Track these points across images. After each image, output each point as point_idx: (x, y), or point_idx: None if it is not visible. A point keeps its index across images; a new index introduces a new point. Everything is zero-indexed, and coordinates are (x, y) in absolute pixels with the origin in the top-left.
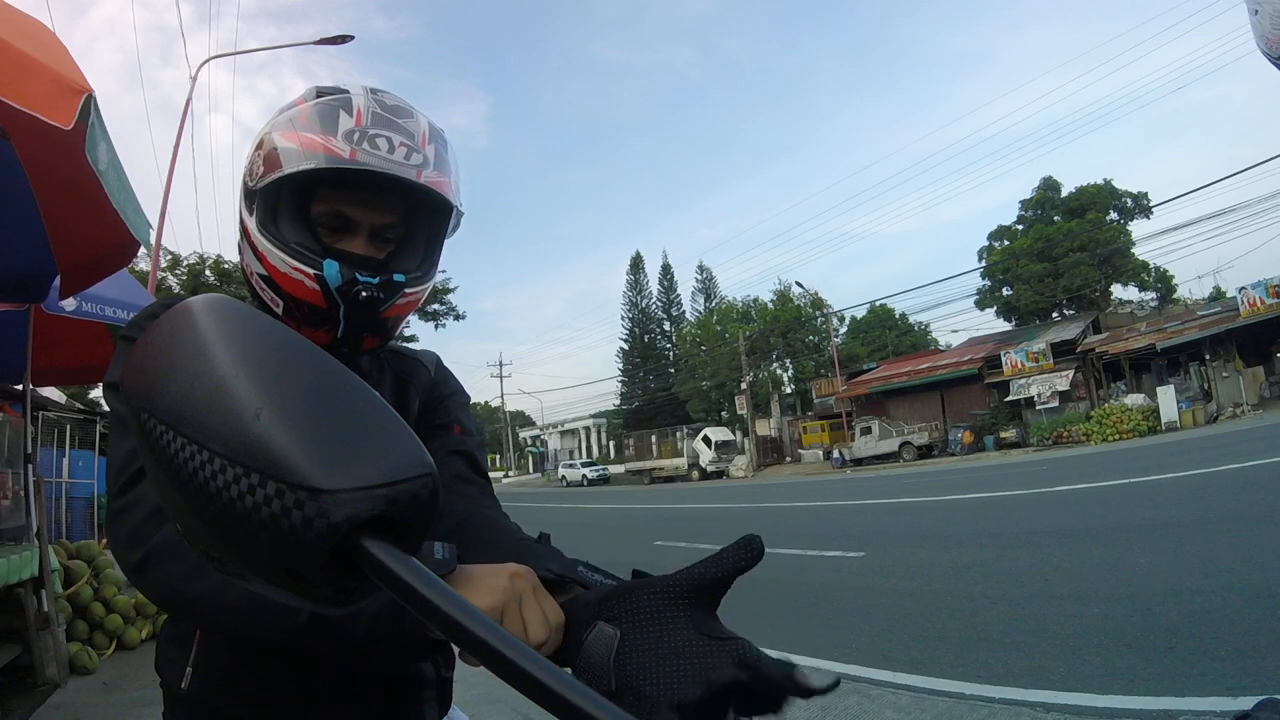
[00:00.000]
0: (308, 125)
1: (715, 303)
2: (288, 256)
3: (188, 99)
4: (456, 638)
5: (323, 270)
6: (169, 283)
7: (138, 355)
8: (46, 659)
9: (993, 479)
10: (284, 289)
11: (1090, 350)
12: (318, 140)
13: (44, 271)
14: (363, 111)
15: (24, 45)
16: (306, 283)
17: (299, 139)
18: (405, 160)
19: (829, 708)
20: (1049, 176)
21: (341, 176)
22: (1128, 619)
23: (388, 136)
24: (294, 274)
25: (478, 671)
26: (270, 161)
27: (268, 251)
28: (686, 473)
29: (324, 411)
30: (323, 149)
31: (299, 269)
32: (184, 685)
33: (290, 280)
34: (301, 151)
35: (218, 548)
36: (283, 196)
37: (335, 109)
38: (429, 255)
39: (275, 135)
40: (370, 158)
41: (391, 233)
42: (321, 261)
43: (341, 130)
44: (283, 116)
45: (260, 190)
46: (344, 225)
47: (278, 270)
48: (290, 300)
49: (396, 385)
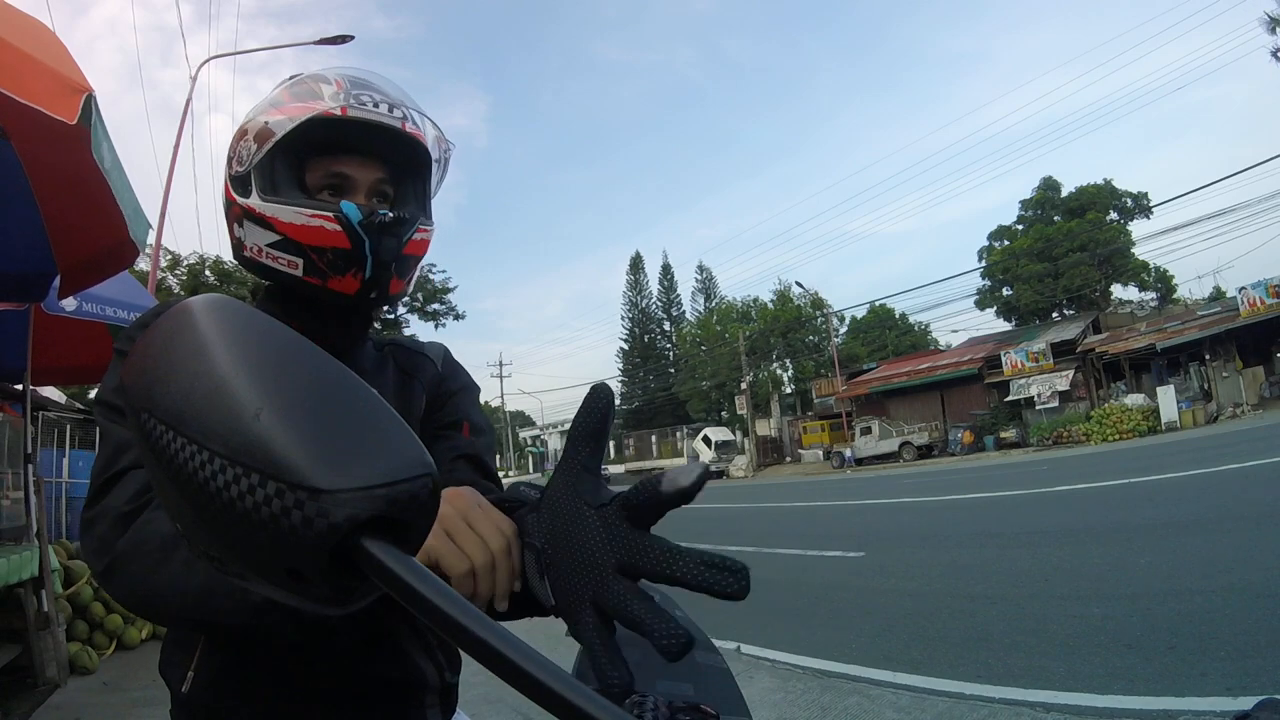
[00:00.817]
0: (292, 100)
1: (715, 303)
2: (303, 208)
3: (188, 99)
4: (456, 638)
5: (342, 210)
6: (169, 283)
7: (138, 355)
8: (46, 659)
9: (993, 479)
10: (304, 242)
11: (1090, 350)
12: (307, 105)
13: (44, 271)
14: (340, 80)
15: (24, 45)
16: (328, 226)
17: (287, 111)
18: (389, 114)
19: (829, 708)
20: (1049, 176)
21: (337, 130)
22: (1128, 619)
23: (370, 95)
24: (314, 221)
25: (478, 671)
26: (262, 136)
27: (279, 212)
28: None
29: (324, 411)
30: (313, 111)
31: (318, 214)
32: (185, 689)
33: (310, 230)
34: (291, 120)
35: (218, 548)
36: (278, 168)
37: (314, 83)
38: (422, 207)
39: (261, 117)
40: (360, 111)
41: (386, 188)
42: (338, 203)
43: (327, 95)
44: (262, 102)
45: (256, 166)
46: (343, 184)
47: (294, 225)
48: (313, 251)
49: (400, 381)
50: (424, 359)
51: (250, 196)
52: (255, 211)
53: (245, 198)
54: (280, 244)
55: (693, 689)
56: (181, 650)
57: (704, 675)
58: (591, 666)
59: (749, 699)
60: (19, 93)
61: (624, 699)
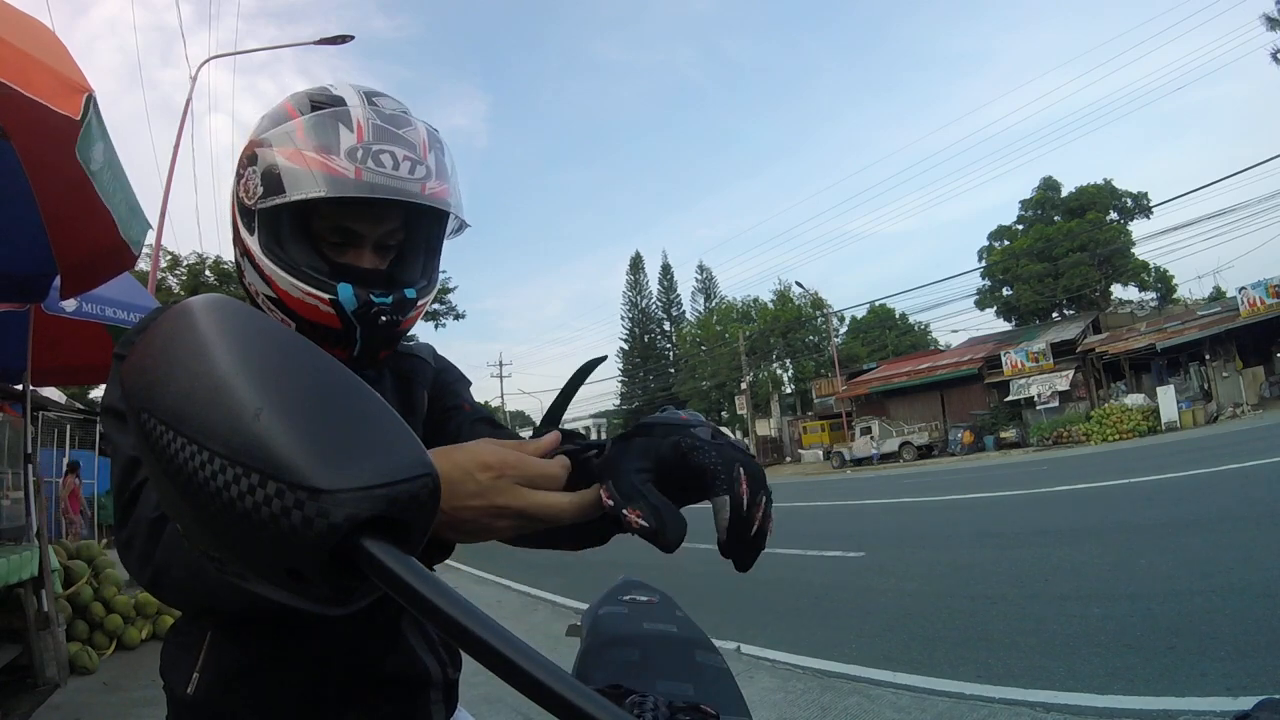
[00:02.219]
0: (306, 142)
1: (715, 303)
2: (299, 282)
3: (188, 99)
4: (457, 637)
5: (337, 295)
6: (169, 283)
7: (138, 355)
8: (46, 659)
9: (993, 479)
10: (297, 313)
11: (1090, 350)
12: (321, 160)
13: (44, 271)
14: (363, 125)
15: (25, 45)
16: (321, 307)
17: (301, 159)
18: (410, 175)
19: (829, 708)
20: (1049, 176)
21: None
22: (1128, 619)
23: (390, 151)
24: (308, 299)
25: (478, 671)
26: (270, 182)
27: (276, 276)
28: None
29: (324, 411)
30: (327, 170)
31: (312, 294)
32: (190, 691)
33: (304, 305)
34: (305, 173)
35: (218, 548)
36: (284, 219)
37: (334, 123)
38: (430, 261)
39: (273, 152)
40: (376, 176)
41: (393, 240)
42: (335, 286)
43: (344, 148)
44: (278, 130)
45: (260, 212)
46: (348, 239)
47: (289, 295)
48: (304, 323)
49: (399, 385)
50: (418, 360)
51: (253, 236)
52: (254, 259)
53: (249, 234)
54: (275, 301)
55: (693, 689)
56: (186, 652)
57: (704, 675)
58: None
59: (749, 699)
60: (24, 87)
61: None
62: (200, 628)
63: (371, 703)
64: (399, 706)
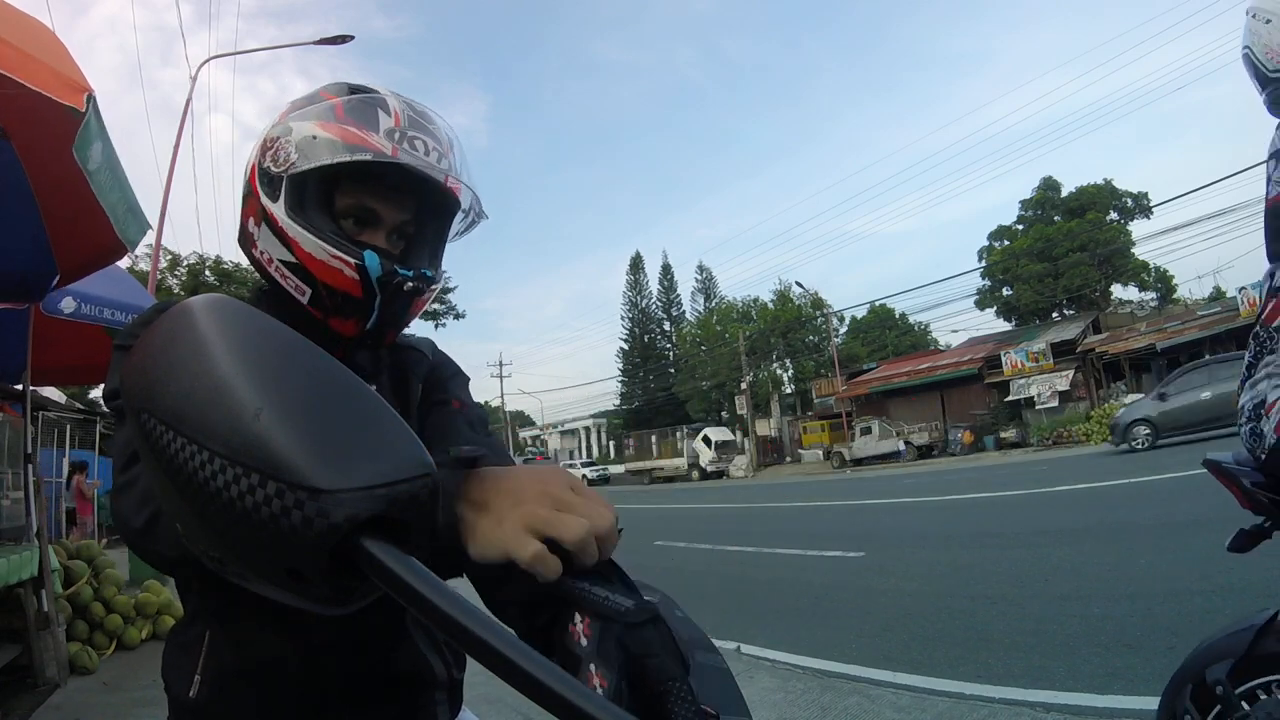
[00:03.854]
0: (347, 119)
1: (715, 303)
2: (326, 244)
3: (188, 99)
4: (457, 637)
5: (364, 260)
6: (169, 283)
7: (138, 355)
8: (46, 659)
9: (993, 479)
10: (318, 276)
11: (1090, 350)
12: (361, 135)
13: (44, 271)
14: (399, 113)
15: (25, 45)
16: (346, 271)
17: (340, 131)
18: (437, 164)
19: (829, 708)
20: (1049, 176)
21: (378, 171)
22: (1128, 619)
23: (423, 140)
24: (333, 262)
25: (478, 671)
26: (306, 149)
27: (300, 238)
28: (686, 473)
29: (324, 411)
30: (367, 144)
31: (339, 257)
32: (192, 694)
33: (327, 269)
34: (344, 144)
35: (218, 548)
36: (310, 186)
37: (374, 107)
38: (437, 255)
39: (310, 124)
40: (410, 158)
41: (409, 229)
42: (361, 252)
43: (383, 128)
44: (315, 107)
45: (290, 177)
46: (368, 221)
47: (313, 258)
48: (323, 288)
49: (396, 377)
50: (416, 353)
51: (277, 202)
52: (277, 223)
53: (272, 201)
54: (294, 267)
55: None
56: (186, 654)
57: (704, 675)
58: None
59: (749, 699)
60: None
61: None
62: (199, 628)
63: (376, 703)
64: (403, 706)
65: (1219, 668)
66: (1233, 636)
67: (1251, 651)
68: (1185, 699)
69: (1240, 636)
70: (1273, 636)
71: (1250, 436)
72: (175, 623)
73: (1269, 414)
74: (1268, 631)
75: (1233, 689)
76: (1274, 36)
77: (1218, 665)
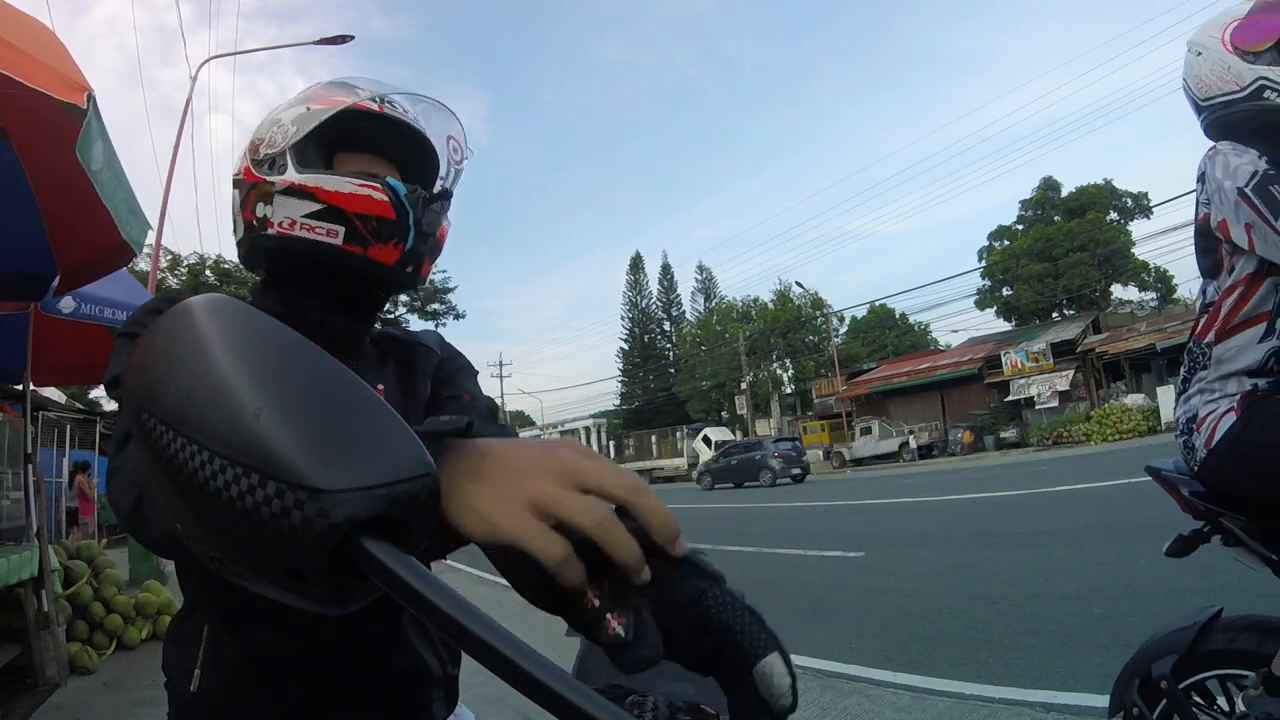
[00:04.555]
0: (327, 94)
1: (715, 303)
2: (351, 178)
3: (188, 99)
4: (456, 637)
5: (387, 183)
6: (169, 283)
7: (138, 355)
8: (46, 659)
9: (993, 479)
10: (350, 209)
11: (1090, 350)
12: (346, 97)
13: (44, 271)
14: (370, 87)
15: (25, 45)
16: (375, 195)
17: (328, 100)
18: (415, 121)
19: (829, 708)
20: (1049, 176)
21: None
22: (1128, 619)
23: (399, 101)
24: (361, 190)
25: (478, 670)
26: (300, 121)
27: (324, 182)
28: (686, 473)
29: (324, 411)
30: (355, 100)
31: (366, 185)
32: (192, 688)
33: (358, 198)
34: (334, 107)
35: (218, 547)
36: (310, 152)
37: (349, 84)
38: None
39: (298, 106)
40: (392, 112)
41: None
42: (384, 177)
43: (363, 95)
44: (295, 97)
45: (293, 146)
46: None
47: (341, 193)
48: (356, 219)
49: (402, 374)
50: (422, 349)
51: (285, 173)
52: (295, 184)
53: (279, 174)
54: (322, 213)
55: (693, 689)
56: (186, 648)
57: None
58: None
59: None
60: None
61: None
62: (197, 622)
63: (373, 700)
64: (400, 703)
65: (1164, 663)
66: (1177, 633)
67: (1194, 648)
68: (1133, 693)
69: (1184, 633)
70: (1215, 633)
71: (1185, 450)
72: (174, 616)
73: (1199, 429)
74: (1210, 629)
75: (1176, 684)
76: (1203, 68)
77: (1163, 661)
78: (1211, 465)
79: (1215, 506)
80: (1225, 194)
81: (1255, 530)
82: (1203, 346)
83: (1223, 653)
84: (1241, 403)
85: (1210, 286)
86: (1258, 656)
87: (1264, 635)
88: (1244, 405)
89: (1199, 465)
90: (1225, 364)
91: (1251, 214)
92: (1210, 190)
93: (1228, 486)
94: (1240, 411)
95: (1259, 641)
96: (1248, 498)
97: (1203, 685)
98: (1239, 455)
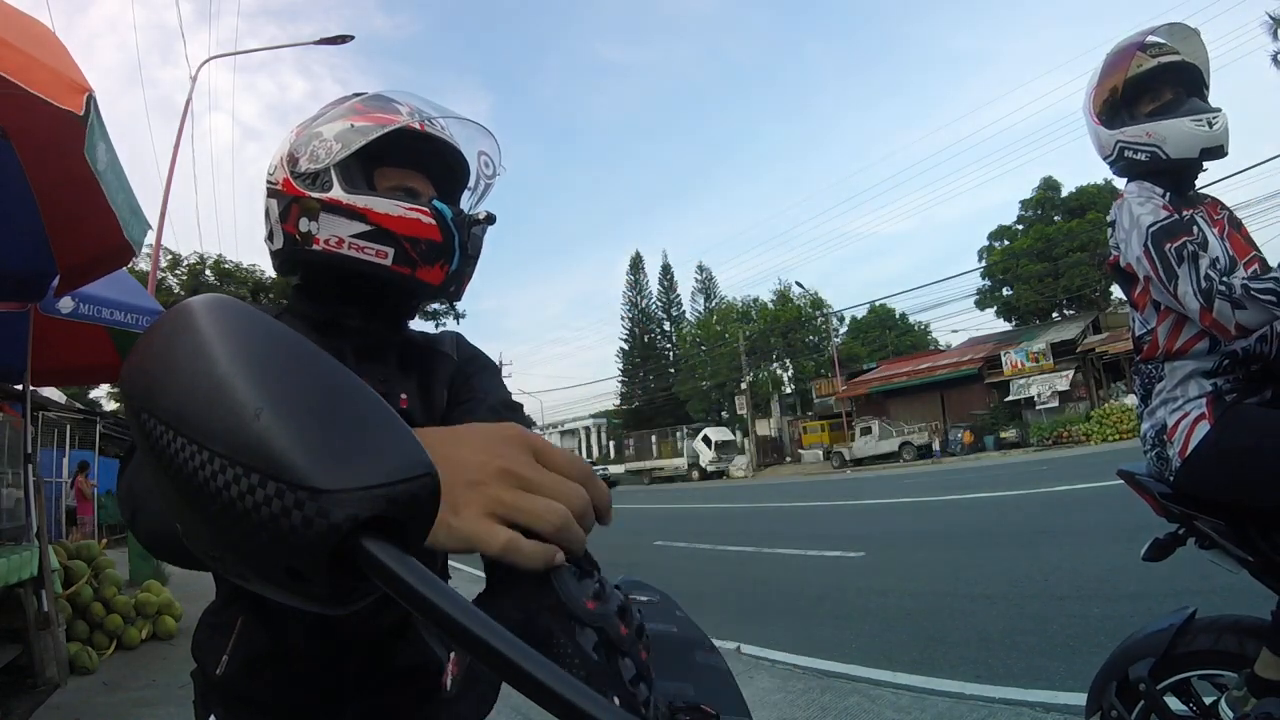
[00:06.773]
0: (370, 110)
1: (715, 303)
2: (400, 201)
3: (188, 99)
4: (456, 637)
5: (434, 207)
6: (169, 283)
7: (138, 355)
8: (46, 659)
9: (993, 479)
10: (399, 232)
11: (1090, 350)
12: (390, 116)
13: (44, 271)
14: (410, 104)
15: (25, 45)
16: (424, 219)
17: (371, 117)
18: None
19: (829, 708)
20: (1049, 176)
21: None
22: (1128, 619)
23: (440, 122)
24: (410, 214)
25: None
26: (345, 138)
27: (373, 204)
28: (686, 473)
29: (324, 411)
30: (398, 120)
31: (414, 209)
32: (219, 671)
33: (406, 221)
34: (379, 126)
35: (217, 547)
36: (354, 170)
37: (389, 100)
38: None
39: (340, 121)
40: (433, 129)
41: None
42: (430, 200)
43: (404, 113)
44: (337, 109)
45: (337, 165)
46: (408, 198)
47: (389, 216)
48: (405, 242)
49: (423, 384)
50: (439, 355)
51: (331, 190)
52: (342, 204)
53: (324, 191)
54: (371, 234)
55: (693, 689)
56: (219, 634)
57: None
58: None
59: (749, 699)
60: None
61: None
62: (233, 613)
63: (384, 692)
64: (410, 696)
65: (1141, 665)
66: (1153, 635)
67: (1171, 650)
68: (1111, 695)
69: (1160, 635)
70: (1191, 635)
71: (1157, 461)
72: (210, 604)
73: (1171, 439)
74: (1186, 630)
75: (1154, 685)
76: (1096, 134)
77: (1140, 663)
78: (1187, 472)
79: (1190, 510)
80: (1131, 245)
81: (1231, 533)
82: (1152, 365)
83: (1202, 654)
84: (1211, 408)
85: (1138, 318)
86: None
87: (1245, 636)
88: (1214, 411)
89: (1174, 474)
90: (1180, 372)
91: (1149, 268)
92: (1119, 238)
93: (1204, 492)
94: (1213, 420)
95: (1240, 642)
96: (1224, 502)
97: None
98: (1214, 462)
